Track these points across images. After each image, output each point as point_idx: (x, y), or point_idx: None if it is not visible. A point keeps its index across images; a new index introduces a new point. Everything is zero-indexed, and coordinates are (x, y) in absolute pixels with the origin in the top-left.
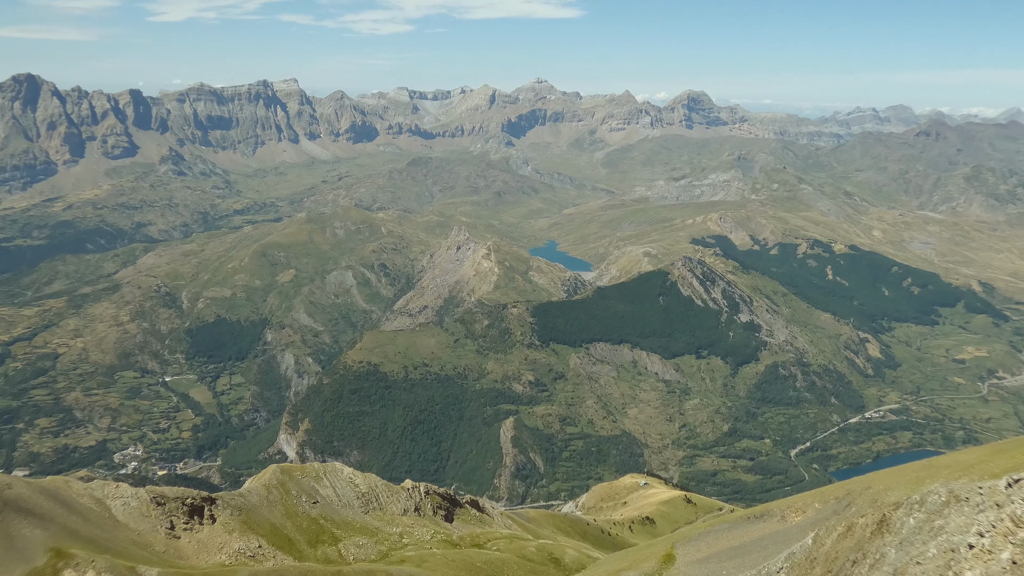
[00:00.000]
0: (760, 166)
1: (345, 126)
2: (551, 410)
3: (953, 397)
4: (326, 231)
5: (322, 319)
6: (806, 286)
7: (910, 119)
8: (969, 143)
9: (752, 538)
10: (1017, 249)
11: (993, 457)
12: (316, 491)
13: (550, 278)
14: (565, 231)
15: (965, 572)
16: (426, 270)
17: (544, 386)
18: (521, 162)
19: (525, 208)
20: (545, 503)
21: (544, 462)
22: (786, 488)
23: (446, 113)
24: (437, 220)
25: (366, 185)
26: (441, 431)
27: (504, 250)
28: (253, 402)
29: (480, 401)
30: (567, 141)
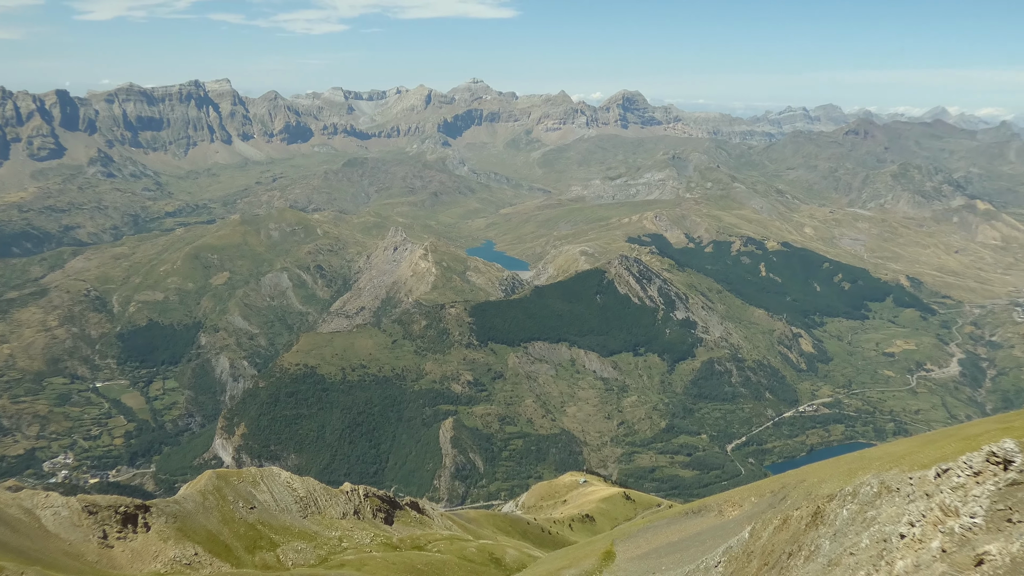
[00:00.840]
0: (694, 165)
1: (279, 127)
2: (490, 410)
3: (883, 390)
4: (260, 233)
5: (257, 322)
6: (740, 283)
7: (839, 118)
8: (896, 141)
9: (690, 533)
10: (943, 244)
11: (922, 448)
12: (253, 496)
13: (488, 278)
14: (502, 231)
15: (897, 562)
16: (363, 271)
17: (483, 386)
18: (458, 162)
19: (462, 208)
20: (485, 503)
21: (484, 462)
22: (723, 483)
23: (382, 113)
24: (374, 221)
25: (301, 186)
26: (380, 433)
27: (441, 250)
28: (187, 407)
29: (419, 402)
30: (503, 141)
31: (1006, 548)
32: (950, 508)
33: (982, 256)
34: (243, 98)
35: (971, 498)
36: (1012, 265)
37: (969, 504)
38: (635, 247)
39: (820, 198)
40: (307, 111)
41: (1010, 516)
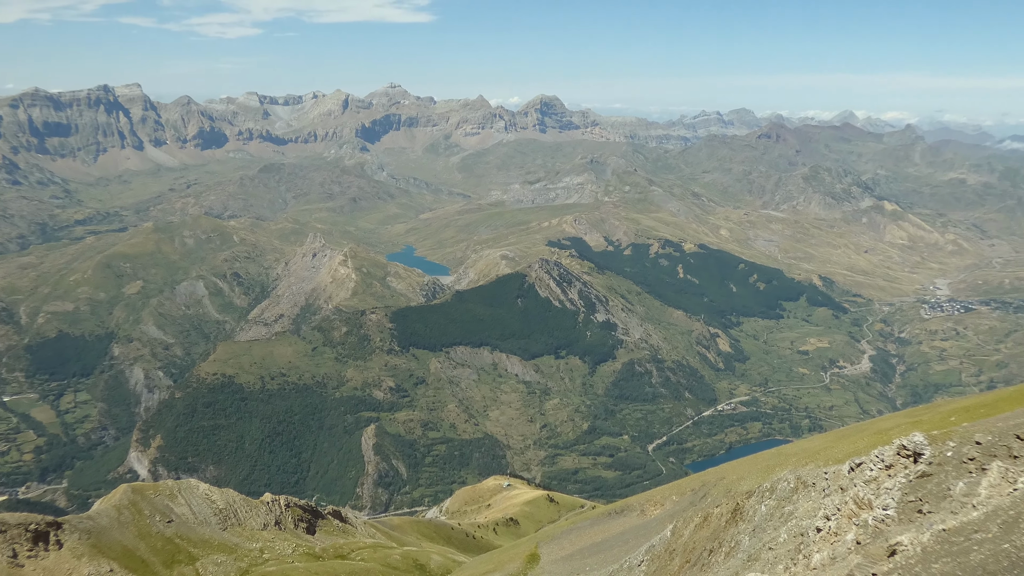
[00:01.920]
0: (612, 169)
1: (193, 132)
2: (413, 416)
3: (798, 387)
4: (175, 240)
5: (173, 331)
6: (659, 285)
7: (752, 122)
8: (807, 144)
9: (614, 533)
10: (853, 244)
11: (836, 443)
12: (170, 510)
13: (408, 283)
14: (422, 236)
15: (814, 555)
16: (281, 278)
17: (405, 392)
18: (376, 167)
19: (381, 213)
20: (409, 510)
21: (407, 468)
22: (645, 482)
23: (298, 118)
24: (292, 227)
25: (216, 192)
26: (301, 442)
27: (361, 256)
28: (100, 420)
29: (340, 409)
30: (422, 146)
31: (917, 538)
32: (863, 501)
33: (890, 255)
34: (155, 103)
35: (883, 491)
36: (919, 264)
37: (882, 497)
38: (555, 251)
39: (735, 200)
40: (221, 116)
41: (920, 507)
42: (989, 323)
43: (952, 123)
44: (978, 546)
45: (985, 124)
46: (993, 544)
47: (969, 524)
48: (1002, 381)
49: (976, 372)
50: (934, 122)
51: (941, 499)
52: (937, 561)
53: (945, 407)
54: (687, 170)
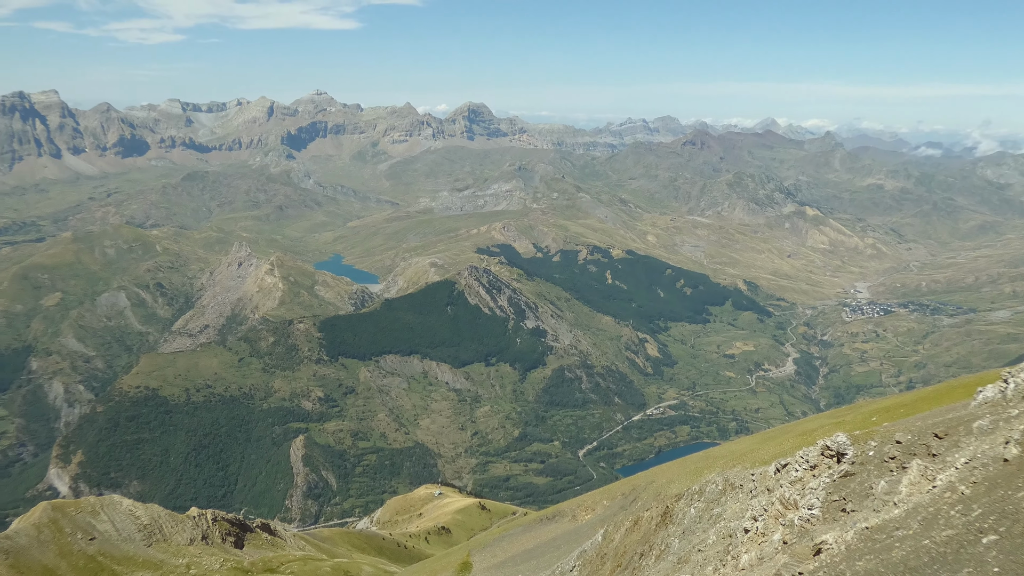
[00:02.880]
0: (540, 176)
1: (113, 140)
2: (342, 426)
3: (725, 390)
4: (95, 251)
5: (93, 344)
6: (587, 290)
7: (677, 129)
8: (731, 151)
9: (545, 539)
10: (776, 249)
11: (763, 444)
12: (93, 527)
13: (337, 292)
14: (350, 244)
15: (742, 556)
16: (206, 288)
17: (334, 401)
18: (303, 175)
19: (309, 222)
20: (340, 521)
21: (337, 479)
22: (576, 488)
23: (222, 126)
24: (216, 236)
25: (138, 201)
26: (228, 454)
27: (288, 265)
28: (18, 436)
29: (268, 421)
30: (350, 153)
31: (841, 537)
32: (789, 501)
33: (812, 260)
34: (73, 110)
35: (808, 491)
36: (840, 268)
37: (807, 496)
38: (484, 258)
39: (661, 206)
40: (143, 124)
41: (844, 506)
42: (907, 325)
43: (870, 130)
44: (900, 543)
45: (901, 131)
46: (914, 540)
47: (891, 521)
48: (920, 381)
49: (896, 373)
50: (853, 129)
51: (864, 498)
52: (861, 559)
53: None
54: (614, 177)
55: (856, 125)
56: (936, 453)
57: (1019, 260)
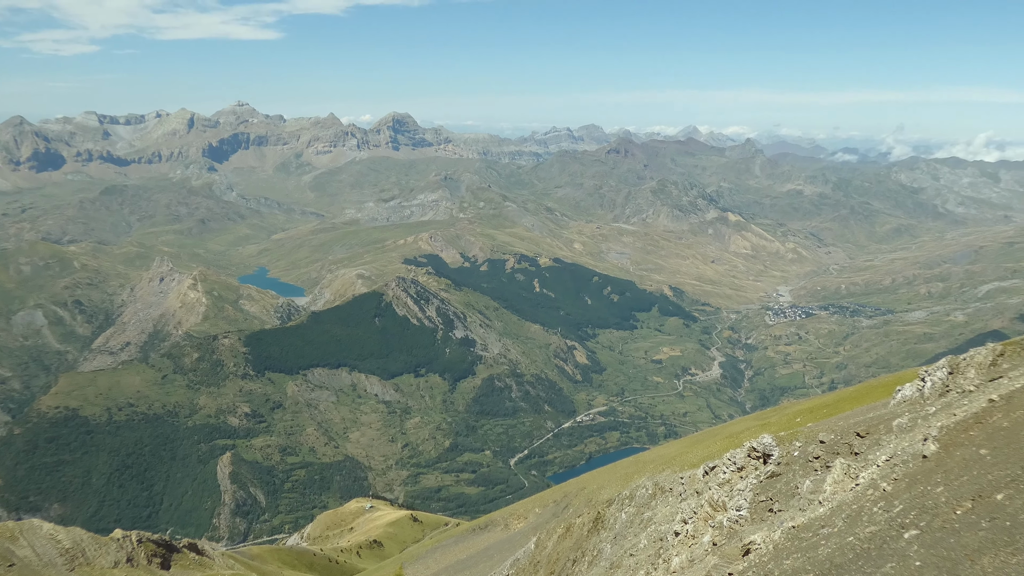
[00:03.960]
0: (466, 185)
1: (27, 154)
2: (270, 441)
3: (654, 396)
4: (10, 268)
5: (9, 364)
6: (516, 299)
7: (601, 137)
8: (654, 159)
9: (478, 549)
10: (700, 255)
11: (691, 448)
12: (12, 553)
13: (262, 305)
14: (275, 257)
15: (673, 558)
16: (127, 304)
17: (262, 417)
18: (225, 187)
19: (232, 235)
20: (269, 538)
21: (266, 495)
22: (508, 497)
23: (141, 138)
24: (137, 251)
25: (54, 217)
26: (152, 474)
27: (212, 279)
28: None
29: (194, 438)
30: (273, 165)
31: (769, 536)
32: (718, 503)
33: (735, 265)
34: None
35: (736, 492)
36: (762, 272)
37: (735, 498)
38: (412, 268)
39: (587, 214)
40: (58, 137)
41: (771, 506)
42: (828, 327)
43: (788, 137)
44: (825, 540)
45: (819, 137)
46: (839, 538)
47: (816, 520)
48: (842, 382)
49: (818, 374)
50: (772, 136)
51: (790, 497)
52: (788, 557)
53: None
54: (540, 185)
55: (775, 132)
56: (858, 452)
57: (933, 262)
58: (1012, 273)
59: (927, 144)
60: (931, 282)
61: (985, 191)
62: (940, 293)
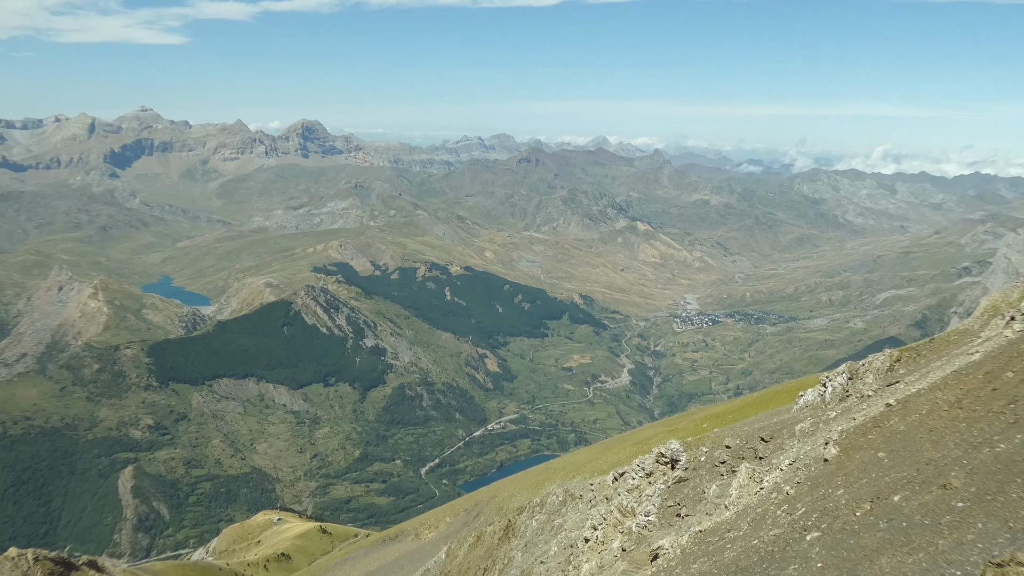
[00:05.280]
0: (377, 193)
1: None
2: (174, 454)
3: (564, 403)
4: None
5: None
6: (427, 308)
7: (512, 147)
8: (564, 168)
9: (389, 560)
10: (610, 263)
11: (601, 455)
12: None
13: (166, 315)
14: (180, 265)
15: (583, 565)
16: (23, 314)
17: (165, 429)
18: (128, 194)
19: (135, 243)
20: (173, 553)
21: (169, 509)
22: (419, 506)
23: (39, 143)
24: (34, 259)
25: None
26: (50, 489)
27: (113, 288)
28: None
29: (94, 452)
30: (178, 172)
31: (677, 541)
32: (627, 509)
33: (644, 273)
34: None
35: (645, 498)
36: (670, 280)
37: (644, 503)
38: (321, 277)
39: (498, 223)
40: None
41: (679, 511)
42: (734, 334)
43: (696, 148)
44: (731, 544)
45: (725, 149)
46: (744, 541)
47: (723, 524)
48: (747, 387)
49: (724, 380)
50: (680, 147)
51: (697, 502)
52: (695, 561)
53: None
54: (451, 194)
55: (683, 143)
56: (763, 456)
57: (834, 270)
58: (908, 281)
59: (828, 156)
60: (832, 290)
61: (883, 202)
62: (840, 301)
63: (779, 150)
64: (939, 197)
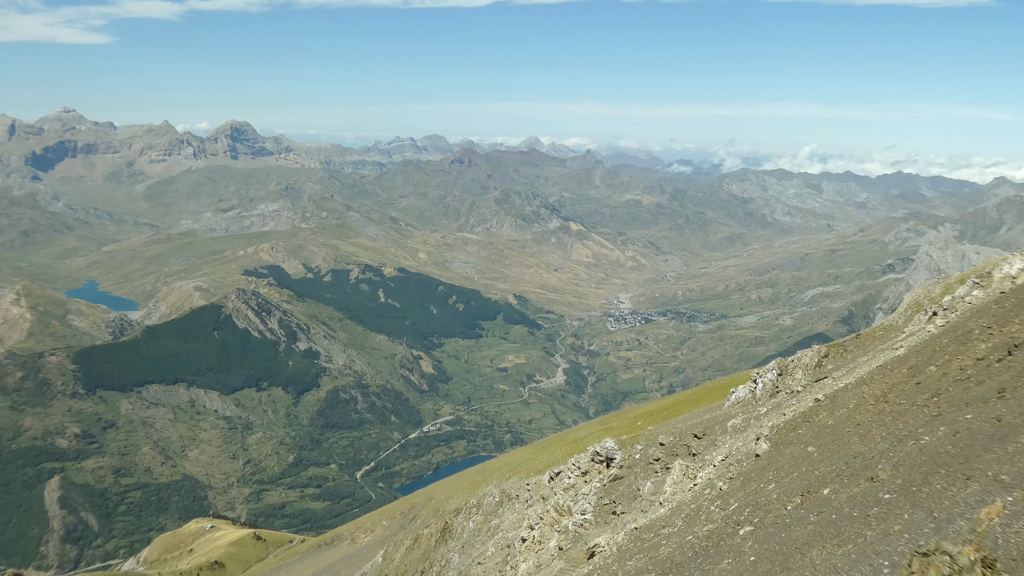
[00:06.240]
0: (309, 195)
1: None
2: (103, 462)
3: (500, 403)
4: None
5: None
6: (360, 310)
7: (445, 148)
8: (497, 169)
9: (324, 565)
10: (544, 264)
11: (537, 454)
12: None
13: (92, 320)
14: (107, 269)
15: (520, 564)
16: None
17: (93, 437)
18: (51, 197)
19: (59, 247)
20: (103, 564)
21: (98, 520)
22: (355, 510)
23: None
24: None
25: None
26: None
27: (37, 294)
28: None
29: (18, 463)
30: (103, 174)
31: (612, 539)
32: (563, 508)
33: (578, 273)
34: None
35: (581, 496)
36: (603, 280)
37: (580, 502)
38: (253, 280)
39: (432, 224)
40: None
41: (615, 509)
42: (667, 332)
43: (627, 148)
44: (666, 540)
45: (656, 150)
46: (679, 537)
47: (658, 520)
48: (680, 385)
49: (658, 378)
50: (611, 148)
51: (632, 499)
52: (631, 558)
53: (632, 413)
54: (384, 195)
55: (615, 144)
56: (696, 452)
57: (763, 269)
58: (834, 279)
59: (756, 156)
60: (761, 288)
61: (809, 201)
62: (770, 298)
63: (709, 150)
64: (863, 196)
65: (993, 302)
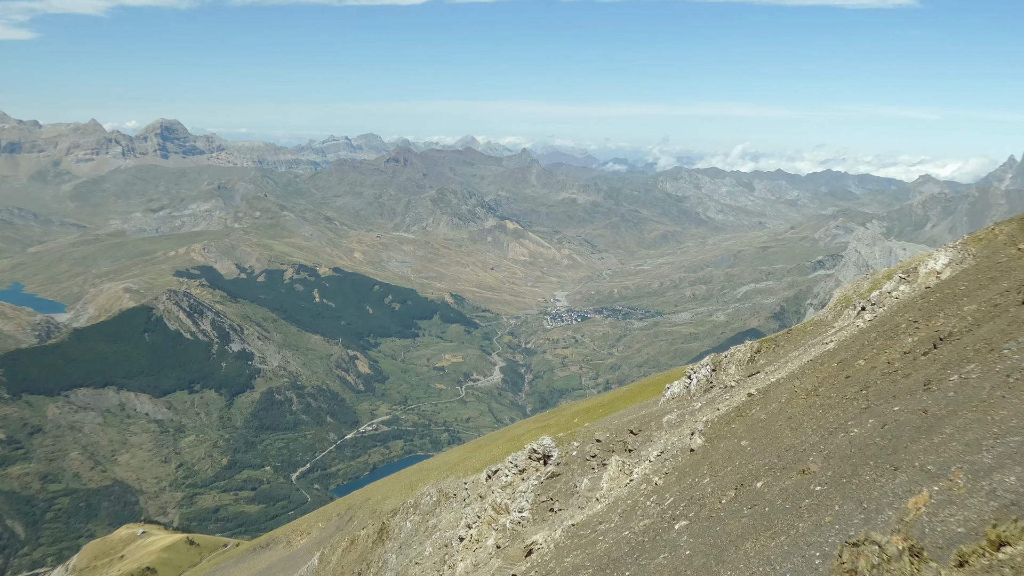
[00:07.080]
0: (241, 195)
1: None
2: (28, 468)
3: (437, 403)
4: None
5: None
6: (295, 310)
7: (380, 146)
8: (433, 168)
9: (260, 568)
10: (480, 262)
11: (474, 453)
12: None
13: (17, 323)
14: (32, 271)
15: (458, 564)
16: None
17: (18, 443)
18: None
19: None
20: (30, 573)
21: (25, 527)
22: (290, 512)
23: None
24: None
25: None
26: None
27: None
28: None
29: None
30: (28, 173)
31: (550, 536)
32: (501, 506)
33: (514, 271)
34: None
35: (519, 494)
36: (540, 278)
37: (517, 500)
38: (184, 281)
39: (367, 223)
40: None
41: (552, 506)
42: (603, 330)
43: (563, 147)
44: (603, 536)
45: (591, 148)
46: (616, 532)
47: (595, 517)
48: (616, 382)
49: (594, 375)
50: (547, 147)
51: (570, 496)
52: (569, 555)
53: (569, 410)
54: (318, 195)
55: (550, 142)
56: (632, 448)
57: (697, 266)
58: (766, 275)
59: (689, 155)
60: (695, 285)
61: (742, 199)
62: (703, 295)
63: (643, 149)
64: (794, 194)
65: (919, 297)
